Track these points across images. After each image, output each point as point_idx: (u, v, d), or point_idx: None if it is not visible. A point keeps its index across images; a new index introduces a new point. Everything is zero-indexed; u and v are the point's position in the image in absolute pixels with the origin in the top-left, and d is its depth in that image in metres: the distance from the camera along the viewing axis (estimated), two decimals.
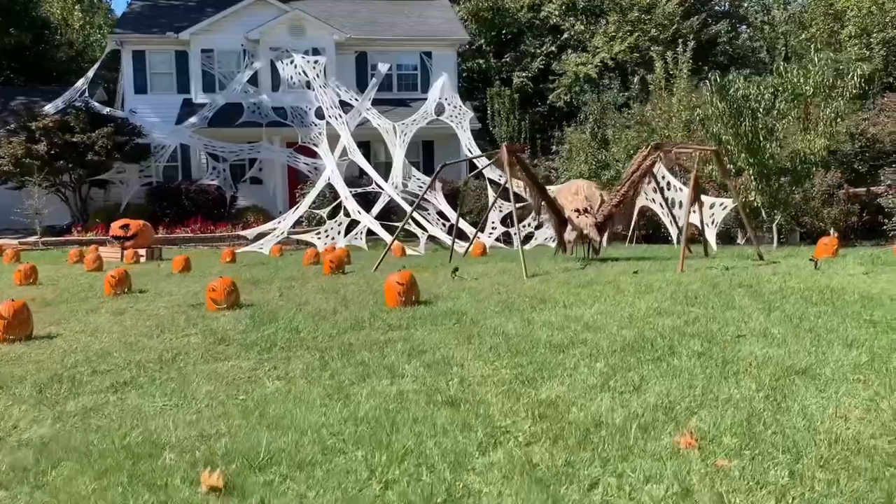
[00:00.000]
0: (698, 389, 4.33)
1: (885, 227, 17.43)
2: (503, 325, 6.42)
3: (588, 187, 13.83)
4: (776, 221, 16.49)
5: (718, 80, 14.94)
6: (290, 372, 5.16)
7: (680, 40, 25.86)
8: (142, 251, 18.33)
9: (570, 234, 13.02)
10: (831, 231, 18.95)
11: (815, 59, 15.32)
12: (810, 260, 10.73)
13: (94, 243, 20.79)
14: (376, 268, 12.75)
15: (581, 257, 13.75)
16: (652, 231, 21.99)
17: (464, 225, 23.73)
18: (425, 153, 30.58)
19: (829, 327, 5.99)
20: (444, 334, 6.17)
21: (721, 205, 16.66)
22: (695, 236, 14.59)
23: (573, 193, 13.72)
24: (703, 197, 17.08)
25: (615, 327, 6.24)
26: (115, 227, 19.01)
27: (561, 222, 13.35)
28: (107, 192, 28.02)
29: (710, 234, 16.71)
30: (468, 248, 16.62)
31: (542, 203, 13.23)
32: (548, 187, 17.77)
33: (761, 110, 15.22)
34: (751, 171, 15.69)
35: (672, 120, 19.08)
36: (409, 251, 19.90)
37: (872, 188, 18.03)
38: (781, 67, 15.56)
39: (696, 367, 4.84)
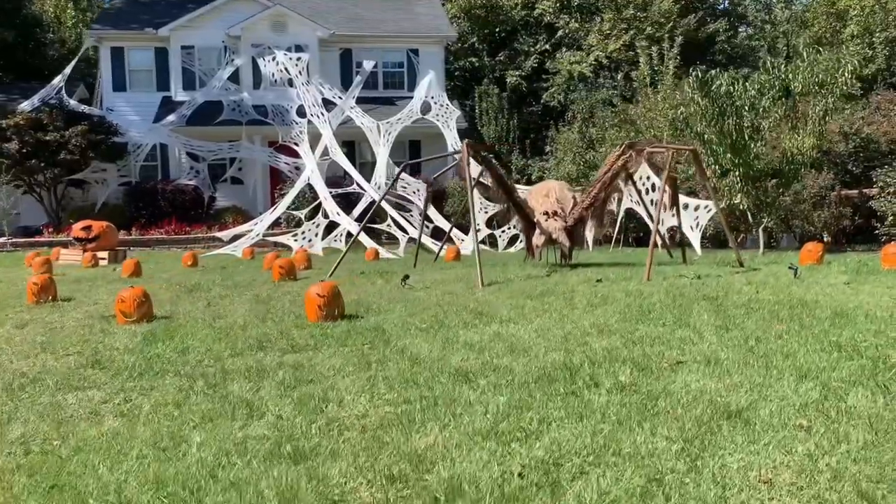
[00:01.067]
0: (602, 438, 3.54)
1: (877, 231, 16.56)
2: (418, 347, 5.64)
3: (560, 189, 13.04)
4: (762, 225, 15.64)
5: (700, 75, 14.11)
6: (140, 406, 4.39)
7: (666, 36, 25.04)
8: (103, 254, 17.59)
9: (538, 239, 12.24)
10: (824, 235, 18.10)
11: (804, 53, 14.47)
12: (789, 268, 9.92)
13: (64, 244, 20.06)
14: (331, 274, 11.97)
15: (553, 263, 12.95)
16: (643, 234, 21.18)
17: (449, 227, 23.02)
18: (412, 153, 29.75)
19: (787, 351, 5.19)
20: (347, 358, 5.39)
21: (706, 207, 15.83)
22: (675, 239, 13.78)
23: (544, 195, 12.93)
24: (687, 199, 16.28)
25: (543, 349, 5.45)
26: (77, 229, 18.28)
27: (529, 226, 12.56)
28: (85, 192, 27.30)
29: (695, 238, 15.89)
30: (438, 252, 15.84)
31: (509, 205, 12.45)
32: (520, 188, 17.04)
33: (746, 108, 14.38)
34: (736, 172, 14.85)
35: (658, 119, 18.26)
36: (385, 254, 19.14)
37: (865, 190, 17.16)
38: (768, 63, 14.71)
39: (613, 406, 4.04)
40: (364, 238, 21.46)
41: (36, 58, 42.39)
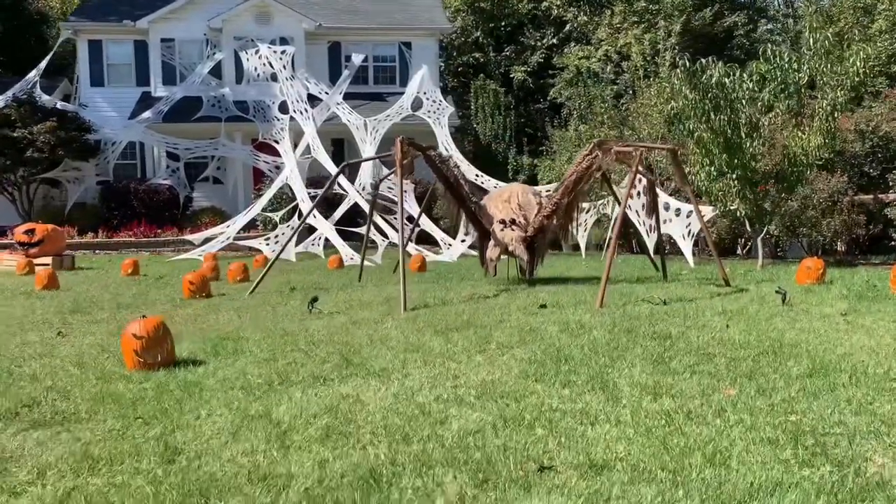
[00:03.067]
0: None
1: (893, 242, 14.69)
2: (201, 426, 4.04)
3: (523, 193, 11.37)
4: (761, 235, 13.86)
5: (688, 64, 12.36)
6: None
7: (662, 22, 23.05)
8: (46, 259, 16.19)
9: (492, 251, 10.58)
10: (838, 245, 16.26)
11: (811, 40, 12.66)
12: (777, 291, 8.19)
13: (8, 248, 18.71)
14: (252, 291, 10.41)
15: (517, 279, 11.30)
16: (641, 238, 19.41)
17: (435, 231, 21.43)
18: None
19: (719, 447, 3.53)
20: (93, 438, 3.81)
21: (701, 213, 14.08)
22: (663, 250, 12.05)
23: (503, 201, 11.29)
24: (679, 204, 14.52)
25: (369, 434, 3.82)
26: (19, 233, 16.89)
27: (483, 236, 10.92)
28: (62, 192, 26.09)
29: (686, 248, 14.13)
30: (397, 265, 14.20)
31: (458, 211, 10.81)
32: (489, 193, 15.37)
33: (743, 101, 12.61)
34: (732, 175, 13.09)
35: (652, 115, 16.50)
36: (354, 261, 17.60)
37: (881, 195, 15.27)
38: (769, 51, 12.92)
39: None
40: (337, 241, 19.95)
41: (43, 53, 41.39)
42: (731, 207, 13.30)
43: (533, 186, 15.45)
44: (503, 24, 38.92)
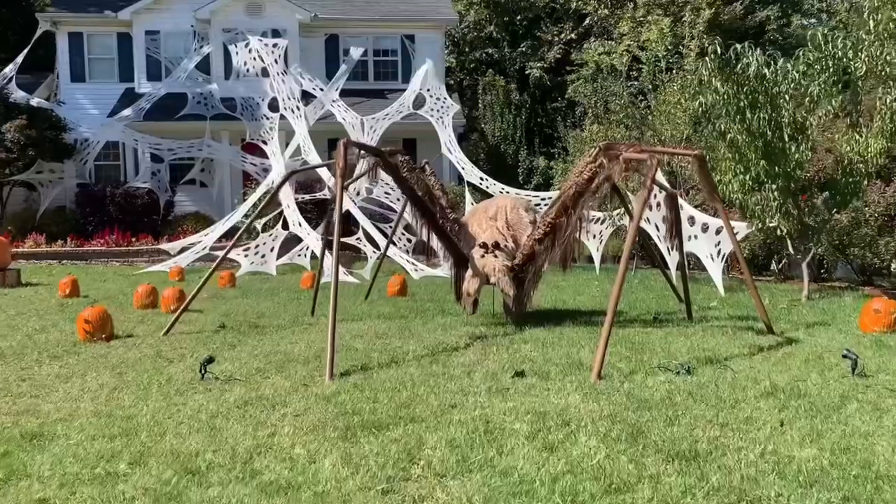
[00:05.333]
0: None
1: None
2: None
3: (513, 209, 9.17)
4: (807, 259, 11.55)
5: (719, 51, 10.08)
6: None
7: (689, 15, 20.67)
8: None
9: (470, 284, 8.37)
10: (893, 267, 13.87)
11: (871, 21, 10.31)
12: (844, 356, 5.94)
13: None
14: (167, 331, 8.31)
15: (501, 315, 9.08)
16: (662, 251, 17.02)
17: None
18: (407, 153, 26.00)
19: None
20: None
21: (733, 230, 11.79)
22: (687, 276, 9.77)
23: (489, 218, 9.11)
24: (707, 218, 12.19)
25: None
26: None
27: (459, 262, 8.73)
28: (42, 195, 24.23)
29: (716, 271, 11.79)
30: (370, 288, 12.11)
31: (430, 232, 8.63)
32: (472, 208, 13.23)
33: (787, 97, 10.31)
34: (772, 186, 10.80)
35: (676, 113, 14.19)
36: (345, 278, 15.57)
37: None
38: (818, 36, 10.60)
39: None
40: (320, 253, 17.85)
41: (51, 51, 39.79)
42: (771, 224, 10.98)
43: (529, 199, 13.22)
44: (519, 17, 36.71)
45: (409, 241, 20.33)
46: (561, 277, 13.78)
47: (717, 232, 11.98)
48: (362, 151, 7.68)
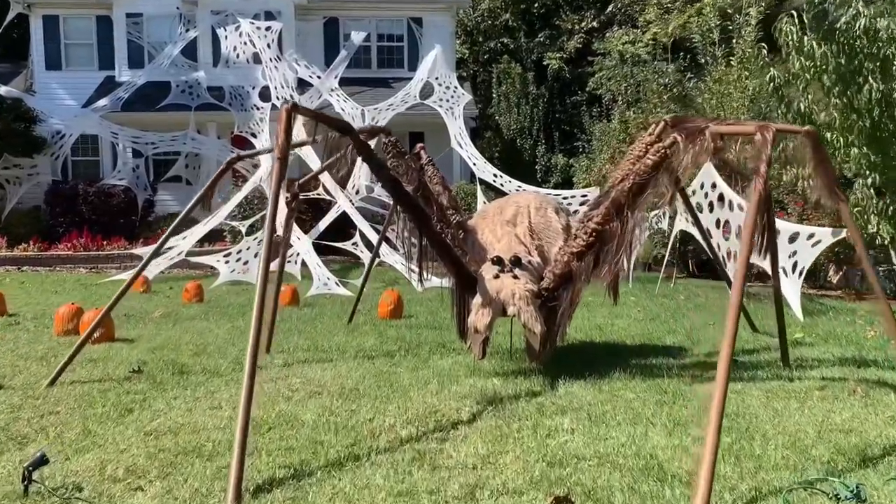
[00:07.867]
0: None
1: None
2: None
3: (539, 209, 6.68)
4: None
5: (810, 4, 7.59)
6: None
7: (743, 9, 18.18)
8: None
9: (479, 316, 5.83)
10: None
11: None
12: None
13: None
14: (53, 381, 5.88)
15: (519, 357, 6.59)
16: (707, 256, 14.44)
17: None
18: (413, 147, 23.57)
19: None
20: None
21: (811, 237, 9.25)
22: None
23: (506, 222, 6.65)
24: (779, 222, 9.67)
25: None
26: None
27: (463, 284, 6.23)
28: (9, 193, 22.02)
29: (793, 290, 9.24)
30: (354, 310, 9.67)
31: (422, 240, 6.13)
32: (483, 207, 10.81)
33: None
34: (871, 179, 8.27)
35: (732, 93, 11.62)
36: (320, 290, 13.27)
37: None
38: None
39: None
40: (312, 261, 15.47)
41: None
42: (870, 229, 8.46)
43: (556, 196, 10.73)
44: (536, 5, 34.35)
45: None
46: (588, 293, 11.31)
47: (791, 240, 9.49)
48: (321, 125, 5.21)
